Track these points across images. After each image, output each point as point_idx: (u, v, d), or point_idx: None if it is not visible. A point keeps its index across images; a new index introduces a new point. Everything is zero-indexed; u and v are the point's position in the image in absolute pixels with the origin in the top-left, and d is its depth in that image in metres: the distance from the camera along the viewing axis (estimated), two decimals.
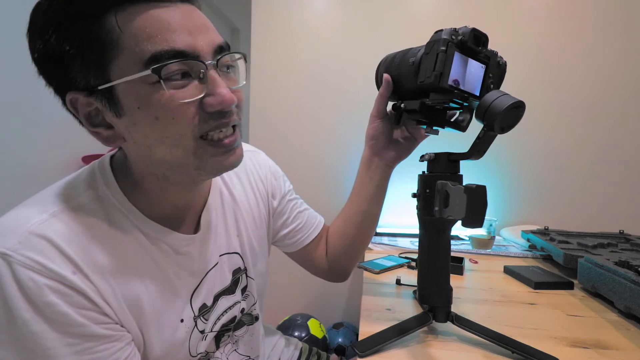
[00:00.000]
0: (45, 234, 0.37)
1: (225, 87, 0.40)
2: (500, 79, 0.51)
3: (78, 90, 0.38)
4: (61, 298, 0.36)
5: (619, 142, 1.29)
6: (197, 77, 0.39)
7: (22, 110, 1.34)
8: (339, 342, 1.34)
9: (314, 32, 1.44)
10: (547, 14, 1.30)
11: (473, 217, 0.38)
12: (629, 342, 0.55)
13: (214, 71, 0.39)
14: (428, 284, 0.54)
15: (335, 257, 0.72)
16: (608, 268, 0.68)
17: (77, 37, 0.35)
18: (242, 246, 0.58)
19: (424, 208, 0.51)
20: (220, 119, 0.41)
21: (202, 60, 0.38)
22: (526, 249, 1.09)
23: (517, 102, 0.44)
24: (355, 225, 0.69)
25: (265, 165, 0.67)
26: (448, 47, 0.46)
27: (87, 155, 1.57)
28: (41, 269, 0.35)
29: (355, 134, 1.44)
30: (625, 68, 1.27)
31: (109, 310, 0.40)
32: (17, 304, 0.34)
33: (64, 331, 0.36)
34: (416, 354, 0.50)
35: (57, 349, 0.36)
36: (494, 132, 0.46)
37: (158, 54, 0.36)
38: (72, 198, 0.41)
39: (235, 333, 0.59)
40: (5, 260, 0.34)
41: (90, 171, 0.46)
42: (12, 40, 1.30)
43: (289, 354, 0.79)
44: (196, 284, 0.50)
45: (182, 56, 0.37)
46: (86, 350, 0.37)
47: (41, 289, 0.35)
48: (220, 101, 0.39)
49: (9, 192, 1.27)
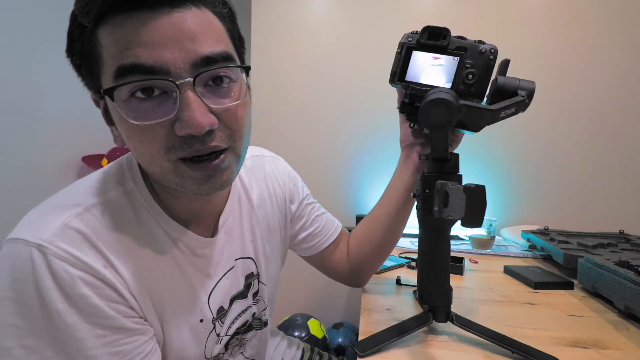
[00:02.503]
0: (80, 227, 0.38)
1: (199, 108, 0.35)
2: (487, 67, 0.50)
3: (93, 92, 0.40)
4: (93, 290, 0.37)
5: (619, 142, 1.29)
6: (171, 96, 0.36)
7: (22, 110, 1.34)
8: (339, 342, 1.34)
9: (314, 32, 1.44)
10: (547, 13, 1.30)
11: (472, 217, 0.38)
12: (629, 342, 0.55)
13: (190, 90, 0.35)
14: (428, 284, 0.54)
15: (358, 261, 0.71)
16: (608, 268, 0.68)
17: (80, 47, 0.37)
18: (256, 251, 0.58)
19: (424, 208, 0.51)
20: (194, 144, 0.37)
21: (172, 79, 0.34)
22: (526, 249, 1.09)
23: (435, 99, 0.45)
24: (381, 228, 0.67)
25: (284, 171, 0.67)
26: (402, 49, 0.51)
27: (87, 155, 1.57)
28: (75, 261, 0.36)
29: (355, 134, 1.44)
30: (625, 68, 1.27)
31: (135, 304, 0.41)
32: (52, 295, 0.35)
33: (94, 323, 0.37)
34: (416, 354, 0.50)
35: (87, 341, 0.36)
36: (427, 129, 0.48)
37: (120, 68, 0.34)
38: (103, 193, 0.42)
39: (244, 336, 0.59)
40: (41, 251, 0.35)
41: (118, 167, 0.46)
42: (12, 40, 1.30)
43: (291, 355, 0.79)
44: (212, 286, 0.50)
45: (148, 71, 0.34)
46: (114, 343, 0.38)
47: (74, 281, 0.36)
48: (188, 126, 0.35)
49: (9, 192, 1.27)
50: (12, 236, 0.37)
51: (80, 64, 0.38)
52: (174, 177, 0.39)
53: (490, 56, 0.49)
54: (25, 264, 0.35)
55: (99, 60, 0.36)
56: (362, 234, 0.70)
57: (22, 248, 0.35)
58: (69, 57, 0.39)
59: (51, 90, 1.44)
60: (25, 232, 0.36)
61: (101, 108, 0.41)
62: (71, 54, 0.38)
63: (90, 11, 0.34)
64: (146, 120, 0.36)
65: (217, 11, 0.39)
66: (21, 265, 0.35)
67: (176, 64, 0.35)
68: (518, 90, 0.49)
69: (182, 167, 0.38)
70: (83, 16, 0.35)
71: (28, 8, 1.35)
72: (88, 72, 0.38)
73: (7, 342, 0.34)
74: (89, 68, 0.38)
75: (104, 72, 0.36)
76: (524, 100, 0.49)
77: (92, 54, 0.36)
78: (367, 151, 1.44)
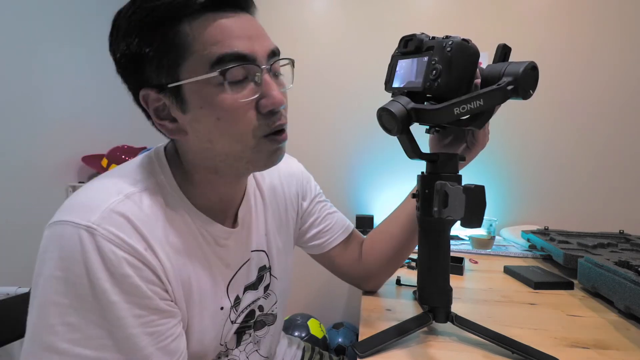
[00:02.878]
0: (124, 212, 0.40)
1: (277, 89, 0.44)
2: (447, 60, 0.47)
3: (150, 87, 0.43)
4: (135, 271, 0.39)
5: (619, 142, 1.29)
6: (253, 80, 0.43)
7: (22, 110, 1.34)
8: (339, 342, 1.34)
9: (314, 32, 1.44)
10: (547, 13, 1.30)
11: (472, 217, 0.38)
12: (629, 342, 0.55)
13: (267, 75, 0.44)
14: (428, 285, 0.54)
15: (371, 261, 0.70)
16: (608, 268, 0.68)
17: (155, 41, 0.41)
18: (269, 244, 0.61)
19: (423, 208, 0.51)
20: (272, 118, 0.45)
21: (259, 64, 0.43)
22: (526, 249, 1.09)
23: (381, 108, 0.48)
24: (399, 226, 0.67)
25: (297, 170, 0.70)
26: (391, 60, 0.55)
27: (87, 155, 1.57)
28: (120, 243, 0.38)
29: (355, 134, 1.44)
30: (625, 68, 1.27)
31: (169, 287, 0.43)
32: (99, 274, 0.37)
33: (134, 302, 0.39)
34: (416, 354, 0.50)
35: (127, 320, 0.38)
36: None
37: (222, 56, 0.41)
38: (140, 182, 0.45)
39: (257, 333, 0.61)
40: (90, 232, 0.37)
41: (148, 160, 0.49)
42: (12, 40, 1.30)
43: (292, 354, 0.79)
44: (231, 276, 0.53)
45: (243, 59, 0.41)
46: (150, 323, 0.40)
47: (120, 262, 0.38)
48: (273, 102, 0.43)
49: (9, 192, 1.27)
50: (58, 219, 0.39)
51: (157, 56, 0.41)
52: (250, 153, 0.45)
53: (447, 49, 0.47)
54: (74, 244, 0.37)
55: (185, 52, 0.41)
56: (380, 233, 0.70)
57: (71, 229, 0.37)
58: (126, 54, 0.42)
59: (51, 90, 1.44)
60: (71, 215, 0.39)
61: (154, 104, 0.44)
62: (144, 45, 0.41)
63: (182, 7, 0.40)
64: (241, 99, 0.42)
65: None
66: (70, 246, 0.37)
67: (259, 54, 0.43)
68: (503, 77, 0.47)
69: (263, 143, 0.45)
70: (172, 11, 0.40)
71: (28, 8, 1.35)
72: (162, 65, 0.41)
73: (51, 320, 0.36)
74: (167, 60, 0.41)
75: (188, 63, 0.41)
76: (501, 87, 0.46)
77: (177, 47, 0.41)
78: (367, 151, 1.44)
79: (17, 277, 1.27)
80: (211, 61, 0.41)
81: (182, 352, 0.44)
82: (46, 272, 0.37)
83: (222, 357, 0.55)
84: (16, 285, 1.11)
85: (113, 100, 1.72)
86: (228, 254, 0.53)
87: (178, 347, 0.43)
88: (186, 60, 0.41)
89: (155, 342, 0.40)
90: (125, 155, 1.60)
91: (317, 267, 0.77)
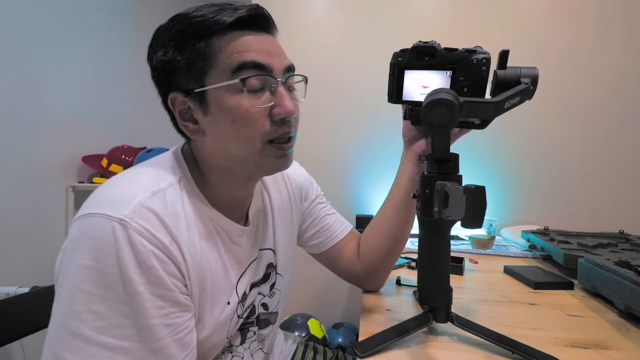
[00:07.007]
0: (153, 207, 0.43)
1: (290, 100, 0.49)
2: (479, 78, 0.50)
3: (179, 91, 0.48)
4: (160, 264, 0.41)
5: (619, 142, 1.29)
6: (269, 89, 0.48)
7: (22, 110, 1.34)
8: (339, 342, 1.34)
9: (314, 33, 1.44)
10: (547, 13, 1.30)
11: (472, 218, 0.38)
12: (629, 342, 0.55)
13: (282, 87, 0.49)
14: (428, 284, 0.54)
15: (368, 257, 0.71)
16: (608, 268, 0.68)
17: (188, 52, 0.46)
18: (276, 243, 0.64)
19: (424, 208, 0.51)
20: (283, 126, 0.49)
21: (275, 77, 0.48)
22: (526, 249, 1.09)
23: (436, 99, 0.45)
24: (389, 219, 0.68)
25: (300, 172, 0.74)
26: (394, 70, 0.53)
27: (87, 155, 1.58)
28: (150, 236, 0.41)
29: (355, 134, 1.44)
30: (625, 68, 1.27)
31: (187, 282, 0.45)
32: (129, 264, 0.39)
33: (157, 294, 0.41)
34: (416, 354, 0.50)
35: (150, 310, 0.40)
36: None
37: (243, 63, 0.46)
38: (164, 180, 0.48)
39: (262, 332, 0.63)
40: (123, 225, 0.40)
41: (169, 160, 0.52)
42: (12, 40, 1.30)
43: (287, 348, 0.82)
44: (241, 272, 0.56)
45: (261, 68, 0.47)
46: (169, 315, 0.42)
47: (148, 254, 0.40)
48: (285, 111, 0.48)
49: (9, 192, 1.27)
50: (88, 211, 0.41)
51: (188, 64, 0.46)
52: (258, 157, 0.49)
53: (482, 67, 0.50)
54: (107, 235, 0.39)
55: (213, 62, 0.46)
56: (372, 230, 0.72)
57: (104, 222, 0.39)
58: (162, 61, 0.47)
59: (51, 90, 1.44)
60: (103, 208, 0.41)
61: (179, 107, 0.49)
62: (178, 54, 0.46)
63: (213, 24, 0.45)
64: (257, 105, 0.47)
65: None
66: (103, 237, 0.39)
67: (276, 67, 0.48)
68: (521, 79, 0.49)
69: (268, 148, 0.49)
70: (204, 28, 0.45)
71: (28, 8, 1.35)
72: (192, 72, 0.46)
73: (78, 307, 0.38)
74: (197, 68, 0.46)
75: (214, 71, 0.46)
76: (528, 87, 0.49)
77: (206, 57, 0.46)
78: (367, 151, 1.44)
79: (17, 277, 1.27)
80: (232, 68, 0.45)
81: (194, 346, 0.46)
82: (77, 262, 0.39)
83: (226, 352, 0.57)
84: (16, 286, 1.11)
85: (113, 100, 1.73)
86: (240, 251, 0.55)
87: (191, 340, 0.45)
88: (212, 68, 0.46)
89: (173, 333, 0.42)
90: (125, 155, 1.60)
91: (317, 267, 0.77)
